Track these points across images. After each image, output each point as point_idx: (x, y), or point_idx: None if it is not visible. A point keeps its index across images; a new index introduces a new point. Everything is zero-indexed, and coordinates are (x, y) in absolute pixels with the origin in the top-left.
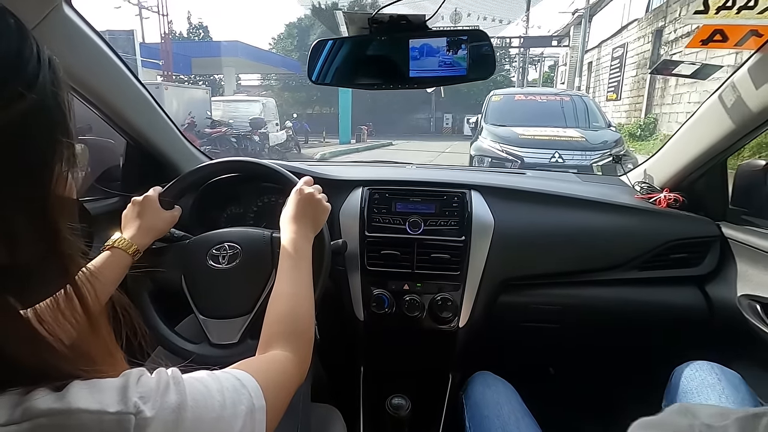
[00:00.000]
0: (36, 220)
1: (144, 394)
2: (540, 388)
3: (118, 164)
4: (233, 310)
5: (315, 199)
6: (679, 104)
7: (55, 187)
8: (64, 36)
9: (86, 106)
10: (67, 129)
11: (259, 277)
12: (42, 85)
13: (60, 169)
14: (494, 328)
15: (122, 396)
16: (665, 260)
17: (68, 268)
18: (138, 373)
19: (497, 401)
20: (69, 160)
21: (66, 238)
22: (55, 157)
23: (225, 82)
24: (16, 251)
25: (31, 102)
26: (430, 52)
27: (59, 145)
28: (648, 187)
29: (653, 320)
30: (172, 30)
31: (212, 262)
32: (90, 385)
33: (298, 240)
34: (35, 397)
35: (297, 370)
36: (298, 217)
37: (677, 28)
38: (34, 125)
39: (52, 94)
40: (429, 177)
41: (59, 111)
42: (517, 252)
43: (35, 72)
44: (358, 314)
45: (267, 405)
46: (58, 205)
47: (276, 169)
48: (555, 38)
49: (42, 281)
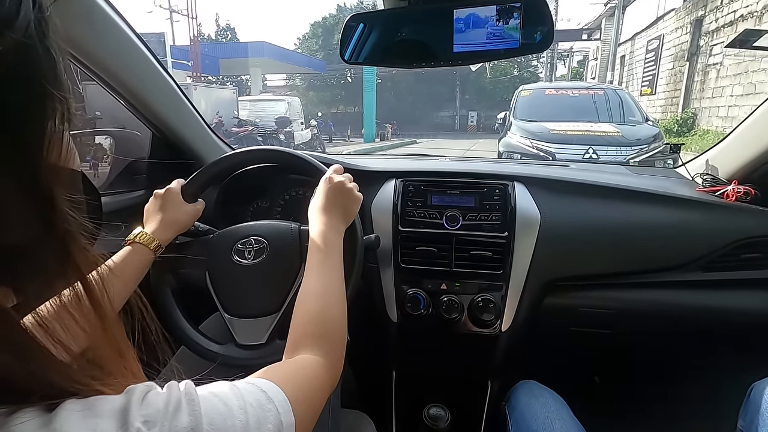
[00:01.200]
0: (26, 191)
1: (149, 417)
2: (590, 400)
3: (145, 157)
4: (260, 308)
5: (346, 188)
6: (721, 98)
7: (49, 151)
8: (86, 15)
9: (107, 91)
10: (58, 80)
11: (287, 273)
12: (23, 24)
13: (52, 128)
14: (539, 333)
15: (122, 421)
16: (734, 260)
17: (69, 248)
18: (144, 389)
19: (546, 415)
20: (63, 118)
21: (64, 211)
22: (46, 114)
23: (251, 82)
24: (4, 230)
25: (9, 43)
26: (477, 23)
27: (49, 99)
28: (712, 179)
29: (721, 328)
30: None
31: (237, 258)
32: (86, 405)
33: (327, 232)
34: (17, 421)
35: (329, 375)
36: (327, 208)
37: (719, 17)
38: (13, 72)
39: (39, 37)
40: (467, 168)
41: (48, 58)
42: (566, 250)
43: (14, 8)
44: (390, 315)
45: (296, 421)
46: (52, 172)
47: (304, 157)
48: (585, 31)
49: (38, 266)
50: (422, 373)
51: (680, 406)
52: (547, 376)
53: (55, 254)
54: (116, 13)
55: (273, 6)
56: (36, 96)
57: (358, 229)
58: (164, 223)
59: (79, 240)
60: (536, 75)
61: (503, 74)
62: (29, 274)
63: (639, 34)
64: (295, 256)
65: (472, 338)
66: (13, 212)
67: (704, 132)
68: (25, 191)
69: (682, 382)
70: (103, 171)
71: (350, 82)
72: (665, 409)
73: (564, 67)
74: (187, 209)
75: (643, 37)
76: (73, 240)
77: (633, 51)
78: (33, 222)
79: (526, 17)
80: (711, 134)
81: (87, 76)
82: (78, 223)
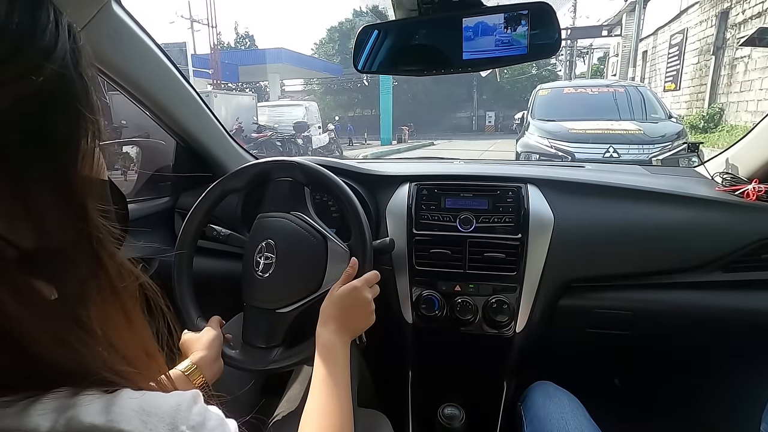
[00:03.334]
0: (62, 201)
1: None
2: (605, 401)
3: (169, 164)
4: None
5: (366, 307)
6: (749, 92)
7: (82, 165)
8: (114, 35)
9: (135, 105)
10: (90, 103)
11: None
12: (61, 55)
13: (85, 146)
14: (554, 334)
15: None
16: (755, 261)
17: (98, 253)
18: (192, 397)
19: (561, 415)
20: (94, 136)
21: (95, 220)
22: (80, 133)
23: (270, 88)
24: (43, 235)
25: (50, 73)
26: (486, 30)
27: (83, 119)
28: (732, 179)
29: (742, 330)
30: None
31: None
32: (141, 400)
33: (337, 344)
34: (83, 402)
35: None
36: (341, 319)
37: (746, 8)
38: (53, 99)
39: (73, 65)
40: (480, 171)
41: (81, 83)
42: (581, 251)
43: (53, 41)
44: (406, 316)
45: None
46: (85, 184)
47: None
48: (605, 28)
49: (73, 267)
50: (438, 373)
51: (701, 409)
52: (563, 377)
53: (87, 257)
54: (142, 29)
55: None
56: (71, 117)
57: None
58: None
59: (108, 244)
60: (555, 73)
61: (521, 73)
62: (66, 274)
63: (662, 28)
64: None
65: (487, 339)
66: (52, 218)
67: (731, 128)
68: (62, 200)
69: (702, 385)
70: (131, 179)
71: (367, 86)
72: (685, 412)
73: (584, 65)
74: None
75: (665, 32)
76: (102, 244)
77: (655, 46)
78: (69, 228)
79: (533, 24)
80: (739, 129)
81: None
82: (107, 229)
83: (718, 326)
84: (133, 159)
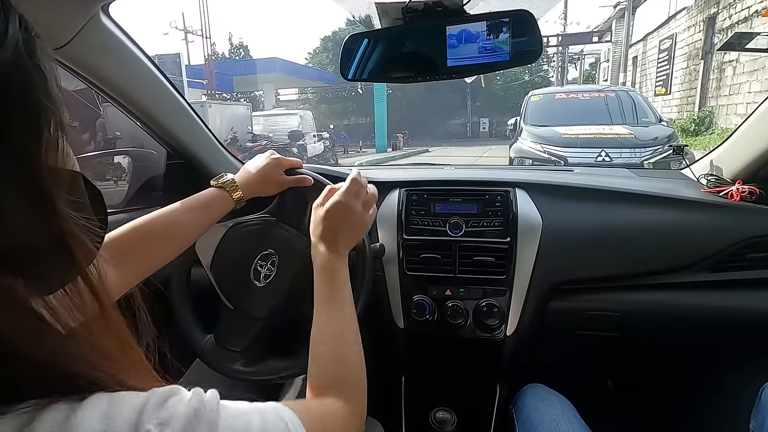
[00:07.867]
0: (27, 193)
1: (164, 420)
2: (597, 403)
3: (160, 174)
4: None
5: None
6: (738, 95)
7: (46, 156)
8: (103, 46)
9: (125, 115)
10: (50, 93)
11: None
12: (12, 44)
13: (48, 136)
14: (545, 337)
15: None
16: (741, 260)
17: (70, 246)
18: (167, 392)
19: (552, 417)
20: (57, 126)
21: (64, 212)
22: (41, 123)
23: (264, 98)
24: (12, 231)
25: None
26: (469, 38)
27: (43, 110)
28: (716, 180)
29: (729, 329)
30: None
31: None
32: (111, 399)
33: (334, 262)
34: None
35: (356, 423)
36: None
37: (732, 14)
38: (7, 87)
39: (28, 55)
40: (469, 176)
41: (38, 73)
42: (569, 254)
43: (2, 31)
44: (397, 321)
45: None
46: (51, 175)
47: None
48: (596, 34)
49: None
50: (430, 377)
51: (691, 408)
52: (555, 379)
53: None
54: (131, 40)
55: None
56: (31, 107)
57: (367, 246)
58: (255, 176)
59: (77, 235)
60: (548, 79)
61: (514, 80)
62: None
63: (651, 34)
64: None
65: (479, 343)
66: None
67: (722, 130)
68: (27, 192)
69: (692, 384)
70: (122, 189)
71: (361, 94)
72: (675, 411)
73: (575, 70)
74: (281, 179)
75: (655, 37)
76: (72, 236)
77: (645, 51)
78: (36, 220)
79: (515, 31)
80: (729, 132)
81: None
82: (80, 223)
83: (705, 325)
84: (125, 169)
